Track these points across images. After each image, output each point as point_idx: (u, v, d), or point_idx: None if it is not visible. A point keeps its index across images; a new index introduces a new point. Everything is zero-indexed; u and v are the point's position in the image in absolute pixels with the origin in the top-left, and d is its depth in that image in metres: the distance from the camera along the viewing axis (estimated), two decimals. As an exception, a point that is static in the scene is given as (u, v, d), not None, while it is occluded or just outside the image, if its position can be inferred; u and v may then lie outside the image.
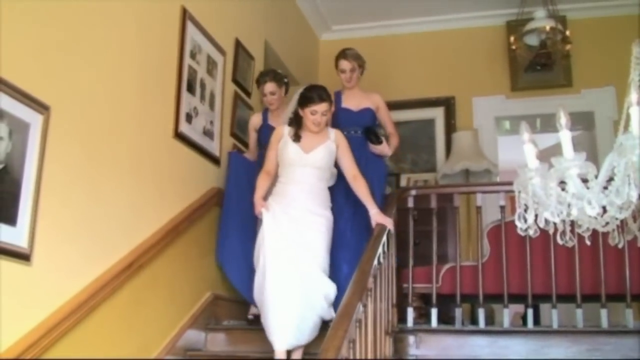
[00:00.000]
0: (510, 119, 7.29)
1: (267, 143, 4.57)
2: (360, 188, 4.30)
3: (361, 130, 4.98)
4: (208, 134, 4.79)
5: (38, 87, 3.04)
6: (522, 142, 2.46)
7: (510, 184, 2.80)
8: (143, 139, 3.97)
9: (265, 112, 5.29)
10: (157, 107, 4.15)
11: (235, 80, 5.33)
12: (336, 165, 4.42)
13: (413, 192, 4.59)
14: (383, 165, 5.09)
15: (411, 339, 4.09)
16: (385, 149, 5.01)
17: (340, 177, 4.45)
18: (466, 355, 4.08)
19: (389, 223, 4.13)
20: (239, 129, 5.34)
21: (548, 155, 2.48)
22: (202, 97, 4.71)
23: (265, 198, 4.22)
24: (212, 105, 4.88)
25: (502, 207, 4.34)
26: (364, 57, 5.22)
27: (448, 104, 7.20)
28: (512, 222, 2.96)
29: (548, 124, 6.87)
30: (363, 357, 3.22)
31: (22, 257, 2.90)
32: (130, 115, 3.85)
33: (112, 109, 3.66)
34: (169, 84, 4.30)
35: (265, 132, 5.01)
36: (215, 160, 4.89)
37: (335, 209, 4.36)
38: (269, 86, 5.13)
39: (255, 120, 5.31)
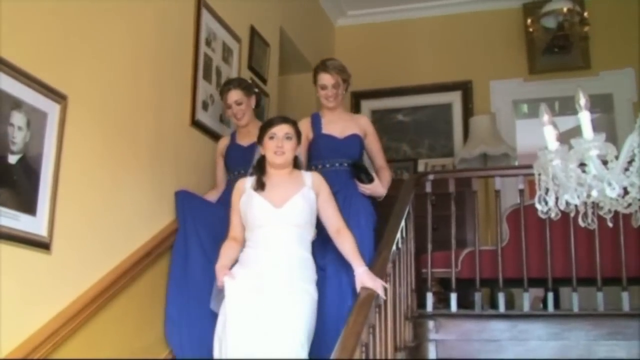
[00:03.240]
0: (528, 102, 7.23)
1: (235, 168, 4.18)
2: (345, 243, 3.39)
3: (347, 163, 4.03)
4: (224, 121, 4.79)
5: (55, 77, 3.06)
6: (542, 124, 2.43)
7: (529, 167, 2.77)
8: (160, 128, 3.98)
9: (234, 133, 4.48)
10: (174, 95, 4.16)
11: (251, 67, 5.32)
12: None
13: (431, 177, 4.52)
14: (371, 210, 4.02)
15: (431, 323, 4.08)
16: (378, 188, 4.01)
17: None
18: (486, 340, 4.07)
19: (379, 287, 3.21)
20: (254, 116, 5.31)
21: (566, 138, 2.45)
22: (218, 85, 4.70)
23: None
24: (228, 93, 4.87)
25: (521, 191, 4.30)
26: (349, 71, 4.19)
27: (465, 88, 7.14)
28: (531, 205, 2.93)
29: (566, 106, 6.79)
30: (383, 342, 3.22)
31: (42, 245, 2.93)
32: (147, 104, 3.86)
33: (128, 97, 3.68)
34: (185, 72, 4.31)
35: (234, 154, 4.29)
36: (232, 147, 4.88)
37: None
38: (233, 94, 4.27)
39: (222, 143, 4.44)
